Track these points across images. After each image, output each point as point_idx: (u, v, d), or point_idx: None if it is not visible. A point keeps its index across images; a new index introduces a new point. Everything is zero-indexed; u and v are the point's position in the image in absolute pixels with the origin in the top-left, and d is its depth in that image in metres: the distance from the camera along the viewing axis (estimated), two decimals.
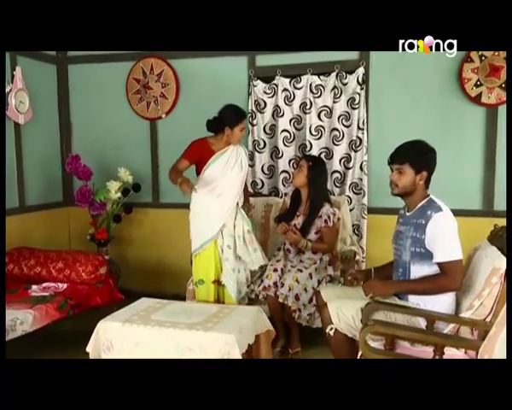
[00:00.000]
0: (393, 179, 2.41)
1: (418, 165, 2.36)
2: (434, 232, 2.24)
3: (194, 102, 4.23)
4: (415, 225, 2.32)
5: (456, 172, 3.67)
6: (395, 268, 2.48)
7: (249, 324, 2.56)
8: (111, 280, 3.48)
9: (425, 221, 2.27)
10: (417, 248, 2.30)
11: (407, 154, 2.40)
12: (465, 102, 3.58)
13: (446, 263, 2.21)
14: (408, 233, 2.35)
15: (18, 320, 2.69)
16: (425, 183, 2.39)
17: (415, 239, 2.31)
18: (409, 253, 2.34)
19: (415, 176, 2.36)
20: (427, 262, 2.27)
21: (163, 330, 2.42)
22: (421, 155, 2.39)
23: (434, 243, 2.24)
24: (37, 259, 3.44)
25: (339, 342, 2.45)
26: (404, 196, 2.44)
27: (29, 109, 4.03)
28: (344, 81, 3.77)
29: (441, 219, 2.27)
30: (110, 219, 4.16)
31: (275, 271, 3.14)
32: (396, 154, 2.44)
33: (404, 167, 2.36)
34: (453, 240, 2.26)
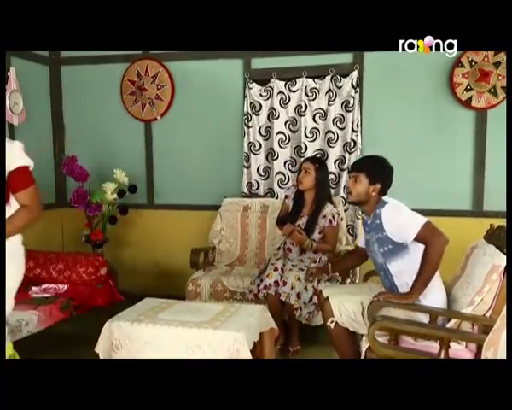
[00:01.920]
0: (349, 186, 2.57)
1: (373, 176, 2.48)
2: (392, 222, 2.37)
3: (189, 104, 4.27)
4: (375, 228, 2.46)
5: (447, 173, 3.80)
6: (378, 272, 2.61)
7: (254, 322, 2.61)
8: (111, 281, 3.49)
9: (379, 220, 2.42)
10: (385, 247, 2.41)
11: (365, 164, 2.56)
12: (456, 106, 3.71)
13: (420, 234, 2.30)
14: (373, 239, 2.48)
15: (23, 321, 2.69)
16: (378, 194, 2.50)
17: (379, 241, 2.43)
18: (380, 255, 2.46)
19: (368, 186, 2.49)
20: (400, 255, 2.38)
21: (172, 328, 2.45)
22: (378, 168, 2.52)
23: (398, 231, 2.36)
24: (36, 260, 3.43)
25: (339, 334, 2.55)
26: (360, 205, 2.59)
27: (23, 110, 4.01)
28: (338, 84, 3.86)
29: (390, 208, 2.42)
30: (106, 221, 4.17)
31: (275, 270, 3.19)
32: (356, 163, 2.63)
33: (360, 176, 2.49)
34: (409, 215, 2.39)
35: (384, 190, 2.51)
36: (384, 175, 2.52)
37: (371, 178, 2.48)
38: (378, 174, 2.50)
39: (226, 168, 4.23)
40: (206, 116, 4.24)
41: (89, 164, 4.17)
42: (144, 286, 4.13)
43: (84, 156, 4.18)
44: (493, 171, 3.66)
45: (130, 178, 4.17)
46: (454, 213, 3.78)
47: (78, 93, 4.50)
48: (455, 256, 2.64)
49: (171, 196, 4.40)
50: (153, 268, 4.38)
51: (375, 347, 2.05)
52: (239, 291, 3.38)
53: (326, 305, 2.58)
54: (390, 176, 2.55)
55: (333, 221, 3.31)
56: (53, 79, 4.49)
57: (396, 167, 3.82)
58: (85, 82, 4.47)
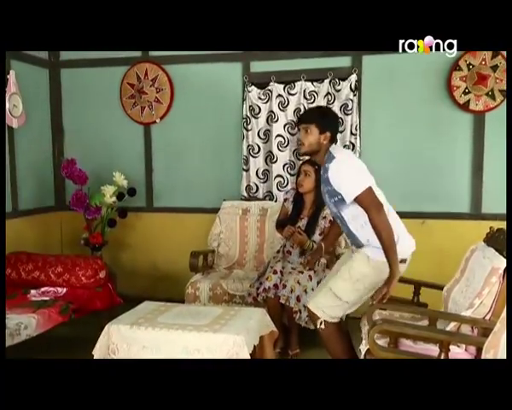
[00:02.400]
0: (301, 138, 2.61)
1: (323, 126, 2.55)
2: (335, 181, 2.45)
3: (188, 107, 4.28)
4: (324, 181, 2.54)
5: (445, 176, 3.81)
6: (334, 220, 2.75)
7: (254, 325, 2.62)
8: (110, 284, 3.48)
9: (326, 174, 2.49)
10: (335, 198, 2.50)
11: (314, 115, 2.63)
12: (454, 109, 3.72)
13: (357, 198, 2.38)
14: (324, 189, 2.58)
15: (22, 325, 2.68)
16: (329, 143, 2.58)
17: (329, 192, 2.52)
18: (332, 205, 2.57)
19: (319, 135, 2.55)
20: (350, 204, 2.45)
21: (171, 332, 2.45)
22: (326, 117, 2.62)
23: (339, 188, 2.44)
24: (35, 263, 3.42)
25: (330, 334, 2.59)
26: (312, 156, 2.65)
27: (22, 113, 4.01)
28: (337, 87, 3.86)
29: (334, 167, 2.45)
30: (105, 224, 4.17)
31: (274, 273, 3.20)
32: (304, 114, 2.71)
33: (311, 127, 2.55)
34: (351, 178, 2.43)
35: (333, 138, 2.61)
36: (333, 123, 2.62)
37: (321, 127, 2.55)
38: (327, 123, 2.58)
39: (225, 171, 4.24)
40: (205, 119, 4.25)
41: (88, 167, 4.17)
42: (143, 289, 4.13)
43: (83, 159, 4.18)
44: (492, 173, 3.67)
45: (129, 181, 4.17)
46: (452, 215, 3.79)
47: (77, 96, 4.50)
48: (454, 259, 2.65)
49: (170, 199, 4.39)
50: (152, 271, 4.37)
51: (374, 350, 2.05)
52: (238, 294, 3.38)
53: (309, 313, 2.63)
54: (338, 124, 2.71)
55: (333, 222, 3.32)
56: (52, 81, 4.50)
57: (394, 170, 3.90)
58: (85, 85, 4.47)
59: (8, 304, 2.96)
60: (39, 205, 4.38)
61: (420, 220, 3.87)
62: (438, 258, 3.71)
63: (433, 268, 3.50)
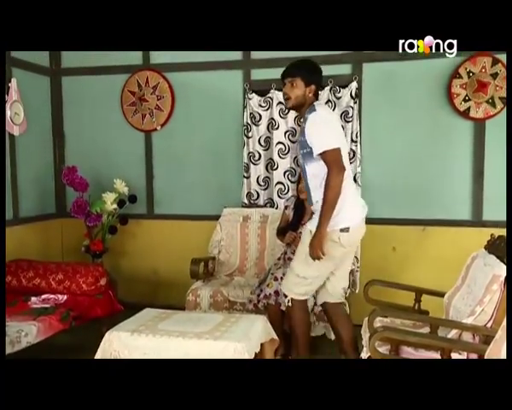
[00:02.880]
0: (287, 91, 2.67)
1: (308, 79, 2.63)
2: (309, 130, 2.54)
3: (189, 114, 4.29)
4: (301, 130, 2.63)
5: (446, 183, 3.81)
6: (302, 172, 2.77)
7: (255, 332, 2.61)
8: (111, 291, 3.48)
9: (305, 124, 2.57)
10: (304, 150, 2.59)
11: (299, 69, 2.67)
12: (454, 117, 3.73)
13: (323, 154, 2.48)
14: (298, 139, 2.69)
15: (23, 332, 2.67)
16: (314, 96, 2.67)
17: (301, 142, 2.61)
18: (301, 156, 2.67)
19: (305, 88, 2.63)
20: (316, 159, 2.53)
21: (171, 339, 2.45)
22: (310, 70, 2.68)
23: (311, 140, 2.52)
24: (36, 270, 3.42)
25: (295, 308, 2.80)
26: (298, 109, 2.71)
27: (24, 121, 4.02)
28: (337, 95, 3.88)
29: (313, 117, 2.54)
30: (105, 231, 4.17)
31: (275, 279, 3.19)
32: (288, 69, 2.70)
33: (297, 80, 2.62)
34: (325, 133, 2.52)
35: (317, 90, 2.69)
36: (317, 76, 2.70)
37: (306, 80, 2.62)
38: (312, 76, 2.66)
39: (226, 178, 4.24)
40: (205, 127, 4.26)
41: (89, 174, 4.18)
42: (144, 296, 4.13)
43: (84, 166, 4.19)
44: (492, 180, 3.67)
45: (130, 188, 4.19)
46: (453, 222, 3.79)
47: (78, 104, 4.51)
48: (455, 266, 2.65)
49: (170, 206, 4.40)
50: (153, 278, 4.37)
51: (376, 357, 2.05)
52: (239, 301, 3.38)
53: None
54: (321, 77, 2.75)
55: None
56: (53, 89, 4.51)
57: (395, 177, 3.91)
58: (86, 93, 4.49)
59: (8, 311, 2.96)
60: (40, 212, 4.38)
61: (420, 227, 3.87)
62: (438, 265, 3.71)
63: (433, 275, 3.50)
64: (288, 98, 2.66)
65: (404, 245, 3.91)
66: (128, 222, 4.26)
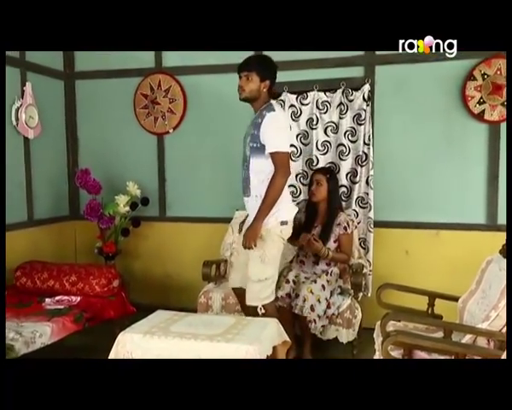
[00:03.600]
0: (242, 84, 2.80)
1: (263, 74, 2.77)
2: (266, 128, 2.69)
3: (201, 117, 4.30)
4: (254, 124, 2.76)
5: (459, 187, 3.78)
6: (242, 165, 2.90)
7: (267, 335, 2.60)
8: (123, 293, 3.50)
9: (261, 120, 2.72)
10: (254, 144, 2.74)
11: (255, 64, 2.81)
12: (468, 119, 3.69)
13: (275, 154, 2.69)
14: (249, 131, 2.80)
15: (37, 333, 2.70)
16: (268, 92, 2.82)
17: (253, 136, 2.75)
18: (248, 148, 2.79)
19: (260, 83, 2.78)
20: (263, 155, 2.73)
21: (184, 341, 2.44)
22: (266, 66, 2.82)
23: (265, 137, 2.69)
24: (50, 272, 3.45)
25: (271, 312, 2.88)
26: (251, 102, 2.84)
27: (38, 124, 4.07)
28: (350, 98, 3.86)
29: (272, 117, 2.71)
30: (118, 233, 4.20)
31: (287, 282, 3.19)
32: (245, 63, 2.82)
33: (252, 74, 2.76)
34: (281, 136, 2.73)
35: (271, 86, 2.83)
36: (272, 72, 2.82)
37: (262, 75, 2.77)
38: (267, 72, 2.80)
39: (238, 181, 4.17)
40: (217, 129, 4.27)
41: (102, 177, 4.22)
42: (156, 298, 4.14)
43: (97, 169, 4.23)
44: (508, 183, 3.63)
45: (142, 190, 4.21)
46: (467, 226, 3.75)
47: (91, 107, 4.56)
48: (469, 270, 2.63)
49: (183, 208, 4.41)
50: (165, 280, 4.38)
51: None
52: None
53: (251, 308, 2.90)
54: (276, 73, 2.86)
55: (348, 228, 3.33)
56: (67, 93, 4.56)
57: (408, 180, 3.89)
58: (99, 96, 4.53)
59: (23, 312, 3.01)
60: (54, 214, 4.42)
61: (434, 231, 3.84)
62: (452, 269, 3.68)
63: (447, 280, 3.46)
64: (242, 90, 2.79)
65: (417, 249, 3.88)
66: (140, 224, 4.29)
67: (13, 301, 3.23)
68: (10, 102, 3.85)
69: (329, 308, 3.18)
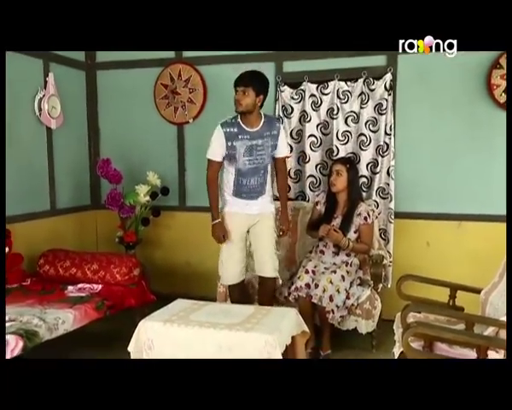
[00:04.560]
0: (238, 98, 3.01)
1: (258, 89, 3.00)
2: (282, 137, 3.20)
3: (221, 107, 4.25)
4: (270, 136, 3.10)
5: (483, 177, 3.71)
6: (254, 174, 3.14)
7: (286, 325, 2.61)
8: (144, 282, 3.54)
9: (277, 131, 3.13)
10: (273, 151, 3.16)
11: (251, 79, 3.02)
12: (493, 108, 3.61)
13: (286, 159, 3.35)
14: (267, 143, 3.10)
15: (60, 320, 2.75)
16: (260, 105, 3.07)
17: (273, 146, 3.14)
18: (269, 157, 3.17)
19: (255, 98, 3.00)
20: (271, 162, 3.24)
21: (203, 330, 2.47)
22: (261, 82, 3.05)
23: (281, 144, 3.19)
24: (72, 260, 3.51)
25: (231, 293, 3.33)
26: (245, 115, 3.05)
27: (60, 114, 4.12)
28: (371, 87, 3.81)
29: (282, 130, 3.23)
30: (138, 222, 4.23)
31: (306, 272, 3.19)
32: (242, 78, 3.03)
33: (248, 90, 2.98)
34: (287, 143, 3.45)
35: (264, 100, 3.08)
36: (266, 88, 3.07)
37: (257, 90, 2.99)
38: (262, 87, 3.04)
39: None
40: None
41: (122, 166, 4.25)
42: (176, 287, 4.16)
43: (118, 159, 4.27)
44: None
45: (162, 180, 4.23)
46: (490, 218, 3.68)
47: (112, 97, 4.59)
48: (492, 262, 2.58)
49: (202, 198, 4.35)
50: (184, 269, 4.41)
51: (409, 353, 2.01)
52: None
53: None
54: (268, 88, 3.10)
55: (368, 219, 3.31)
56: (89, 83, 4.60)
57: (430, 171, 3.83)
58: (120, 86, 4.55)
59: (46, 299, 3.06)
60: (76, 204, 4.48)
61: (456, 222, 3.78)
62: (474, 261, 3.63)
63: (469, 272, 3.41)
64: (238, 104, 3.01)
65: (438, 240, 3.83)
66: (160, 214, 4.32)
67: (36, 288, 3.29)
68: (33, 93, 3.90)
69: (349, 299, 3.17)
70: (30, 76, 3.88)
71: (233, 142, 3.06)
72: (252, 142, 3.06)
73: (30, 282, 3.43)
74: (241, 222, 3.22)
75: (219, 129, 3.11)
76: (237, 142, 3.06)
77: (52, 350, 2.93)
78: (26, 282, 3.42)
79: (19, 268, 3.46)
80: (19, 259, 3.46)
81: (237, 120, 3.08)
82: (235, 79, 3.03)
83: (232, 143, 3.06)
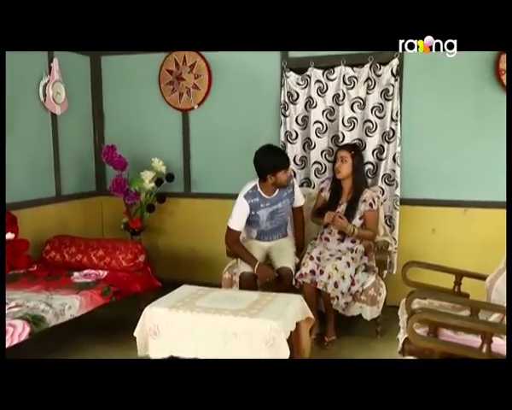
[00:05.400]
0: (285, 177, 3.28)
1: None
2: (297, 189, 3.48)
3: (226, 93, 4.28)
4: (287, 196, 3.36)
5: (490, 163, 3.68)
6: (277, 231, 3.44)
7: (291, 311, 2.61)
8: (149, 268, 3.55)
9: (292, 188, 3.39)
10: (291, 205, 3.44)
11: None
12: (502, 93, 3.55)
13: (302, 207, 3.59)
14: (286, 203, 3.36)
15: (66, 305, 2.77)
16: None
17: (292, 201, 3.42)
18: (287, 214, 3.47)
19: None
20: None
21: (208, 316, 2.48)
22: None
23: (297, 196, 3.48)
24: (77, 247, 3.53)
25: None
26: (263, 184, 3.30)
27: (65, 100, 4.11)
28: (378, 72, 3.77)
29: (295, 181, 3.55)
30: (144, 209, 4.24)
31: (311, 259, 3.19)
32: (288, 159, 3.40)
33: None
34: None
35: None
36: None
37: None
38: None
39: None
40: (242, 105, 4.24)
41: (128, 153, 4.25)
42: (181, 273, 4.18)
43: (123, 145, 4.26)
44: None
45: (167, 166, 4.23)
46: (496, 204, 3.65)
47: (117, 83, 4.57)
48: (497, 249, 2.57)
49: (207, 184, 4.43)
50: (189, 256, 4.43)
51: (413, 339, 2.02)
52: None
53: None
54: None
55: (373, 205, 3.30)
56: (93, 69, 4.58)
57: (436, 157, 3.81)
58: (124, 72, 4.53)
59: (53, 285, 3.09)
60: (81, 190, 4.49)
61: (462, 209, 3.76)
62: (480, 248, 3.62)
63: (474, 258, 3.41)
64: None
65: (444, 227, 3.82)
66: (165, 200, 4.33)
67: (43, 274, 3.32)
68: (38, 78, 3.89)
69: (354, 285, 3.17)
70: (34, 61, 3.86)
71: (256, 211, 3.26)
72: (273, 207, 3.29)
73: (36, 268, 3.46)
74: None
75: (243, 201, 3.23)
76: (260, 211, 3.26)
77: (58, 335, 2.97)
78: (33, 268, 3.45)
79: (25, 254, 3.49)
80: (25, 245, 3.49)
81: (258, 190, 3.27)
82: (285, 161, 3.30)
83: (256, 213, 3.27)
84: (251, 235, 3.50)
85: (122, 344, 3.03)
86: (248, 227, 3.42)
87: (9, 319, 2.50)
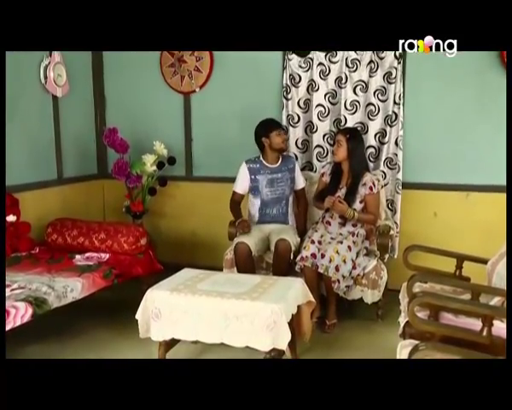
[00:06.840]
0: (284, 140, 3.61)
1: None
2: (297, 170, 3.66)
3: (228, 76, 4.25)
4: (287, 169, 3.57)
5: (493, 147, 3.64)
6: (276, 203, 3.55)
7: (292, 294, 2.62)
8: (150, 251, 3.56)
9: (293, 165, 3.62)
10: (292, 183, 3.58)
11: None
12: (504, 77, 3.52)
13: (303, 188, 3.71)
14: (286, 176, 3.55)
15: (69, 288, 2.79)
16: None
17: (291, 179, 3.58)
18: (288, 189, 3.57)
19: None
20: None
21: (210, 299, 2.49)
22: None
23: (298, 176, 3.65)
24: (79, 229, 3.53)
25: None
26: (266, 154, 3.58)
27: (66, 83, 4.08)
28: (381, 55, 3.74)
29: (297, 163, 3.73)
30: (145, 192, 4.24)
31: (312, 242, 3.20)
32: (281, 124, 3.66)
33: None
34: None
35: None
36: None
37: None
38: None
39: None
40: (244, 88, 4.22)
41: (129, 136, 4.23)
42: (183, 257, 4.21)
43: (124, 128, 4.24)
44: None
45: (169, 150, 4.21)
46: (498, 188, 3.62)
47: (118, 65, 4.53)
48: (499, 233, 2.57)
49: (209, 168, 4.42)
50: (191, 239, 4.44)
51: (414, 322, 2.02)
52: None
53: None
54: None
55: (374, 188, 3.30)
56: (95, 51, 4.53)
57: (439, 141, 3.79)
58: (126, 54, 4.47)
59: (55, 267, 3.10)
60: (83, 173, 4.48)
61: (464, 193, 3.75)
62: (482, 232, 3.62)
63: (476, 242, 3.40)
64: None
65: (446, 211, 3.81)
66: (167, 184, 4.32)
67: (45, 257, 3.33)
68: (39, 60, 3.86)
69: (355, 269, 3.18)
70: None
71: (256, 176, 3.52)
72: (272, 175, 3.51)
73: (38, 250, 3.47)
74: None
75: (244, 165, 3.59)
76: (259, 175, 3.52)
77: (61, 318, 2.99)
78: (35, 250, 3.46)
79: (27, 236, 3.50)
80: (26, 227, 3.49)
81: (260, 159, 3.58)
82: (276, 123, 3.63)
83: (255, 177, 3.52)
84: (253, 219, 3.56)
85: (124, 327, 3.05)
86: (252, 199, 3.61)
87: (12, 300, 2.52)
